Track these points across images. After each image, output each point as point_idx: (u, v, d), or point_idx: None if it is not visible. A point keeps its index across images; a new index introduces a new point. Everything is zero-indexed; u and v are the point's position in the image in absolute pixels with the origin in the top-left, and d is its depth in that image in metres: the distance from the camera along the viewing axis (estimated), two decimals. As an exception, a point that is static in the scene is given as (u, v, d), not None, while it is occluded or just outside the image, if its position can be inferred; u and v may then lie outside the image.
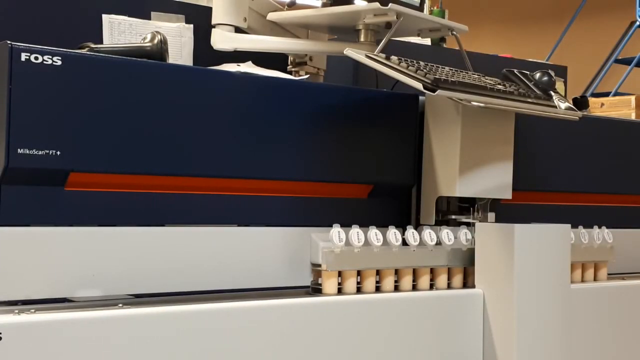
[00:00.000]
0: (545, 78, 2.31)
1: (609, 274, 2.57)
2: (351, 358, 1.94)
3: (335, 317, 1.93)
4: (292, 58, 2.52)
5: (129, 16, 2.36)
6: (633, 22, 7.97)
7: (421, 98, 2.29)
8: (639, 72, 7.97)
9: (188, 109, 1.91)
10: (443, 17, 3.71)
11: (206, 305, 1.78)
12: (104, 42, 2.30)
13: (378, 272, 2.05)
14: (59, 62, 1.73)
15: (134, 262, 1.85)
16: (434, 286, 2.15)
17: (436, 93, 1.95)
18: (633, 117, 3.81)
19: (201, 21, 2.42)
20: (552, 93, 2.30)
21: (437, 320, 2.08)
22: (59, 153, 1.73)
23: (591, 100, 3.81)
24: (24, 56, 1.69)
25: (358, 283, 2.02)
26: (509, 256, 2.10)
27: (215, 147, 1.96)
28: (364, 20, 2.26)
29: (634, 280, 2.59)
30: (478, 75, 2.22)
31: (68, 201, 1.78)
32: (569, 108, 2.31)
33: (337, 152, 2.15)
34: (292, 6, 2.47)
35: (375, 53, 2.08)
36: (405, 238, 2.09)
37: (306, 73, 2.47)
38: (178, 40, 2.41)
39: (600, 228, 2.48)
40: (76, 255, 1.78)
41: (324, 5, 2.32)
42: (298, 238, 2.05)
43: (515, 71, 2.33)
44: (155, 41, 2.06)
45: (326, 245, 2.01)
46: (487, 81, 2.17)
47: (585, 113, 2.77)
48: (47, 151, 1.72)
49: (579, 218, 2.52)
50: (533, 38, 9.35)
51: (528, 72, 2.34)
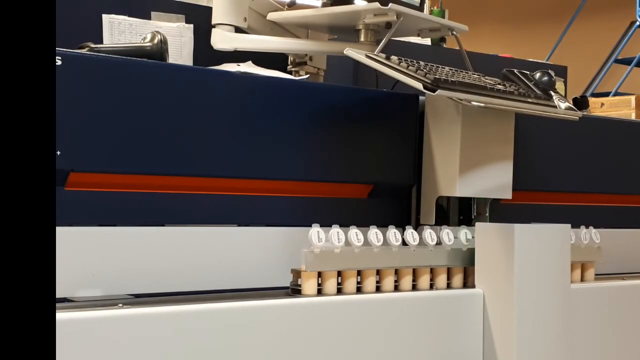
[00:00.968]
0: (545, 78, 2.31)
1: (610, 274, 2.57)
2: (351, 358, 1.94)
3: (335, 317, 1.93)
4: (292, 58, 2.52)
5: (129, 16, 2.36)
6: (633, 22, 7.97)
7: (421, 98, 2.29)
8: (639, 72, 7.97)
9: (188, 109, 1.91)
10: (443, 17, 3.71)
11: (206, 305, 1.78)
12: (104, 42, 2.30)
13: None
14: (59, 62, 1.73)
15: (134, 262, 1.85)
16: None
17: (436, 93, 1.95)
18: (633, 117, 3.82)
19: (201, 21, 2.42)
20: (552, 93, 2.30)
21: (437, 320, 2.07)
22: (59, 153, 1.73)
23: (591, 100, 3.82)
24: (24, 56, 1.70)
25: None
26: (509, 256, 2.10)
27: (215, 147, 1.95)
28: (364, 20, 2.26)
29: (634, 280, 2.59)
30: (478, 75, 2.22)
31: (68, 201, 1.78)
32: (569, 108, 2.31)
33: (337, 152, 2.15)
34: (292, 6, 2.47)
35: (375, 53, 2.08)
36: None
37: (306, 73, 2.47)
38: (178, 40, 2.42)
39: (587, 228, 2.45)
40: (76, 255, 1.78)
41: (324, 5, 2.32)
42: (298, 238, 2.05)
43: (515, 71, 2.33)
44: (155, 41, 2.06)
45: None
46: (487, 81, 2.17)
47: (585, 113, 2.77)
48: (47, 151, 1.72)
49: (579, 218, 2.51)
50: (533, 38, 9.34)
51: (528, 72, 2.34)
